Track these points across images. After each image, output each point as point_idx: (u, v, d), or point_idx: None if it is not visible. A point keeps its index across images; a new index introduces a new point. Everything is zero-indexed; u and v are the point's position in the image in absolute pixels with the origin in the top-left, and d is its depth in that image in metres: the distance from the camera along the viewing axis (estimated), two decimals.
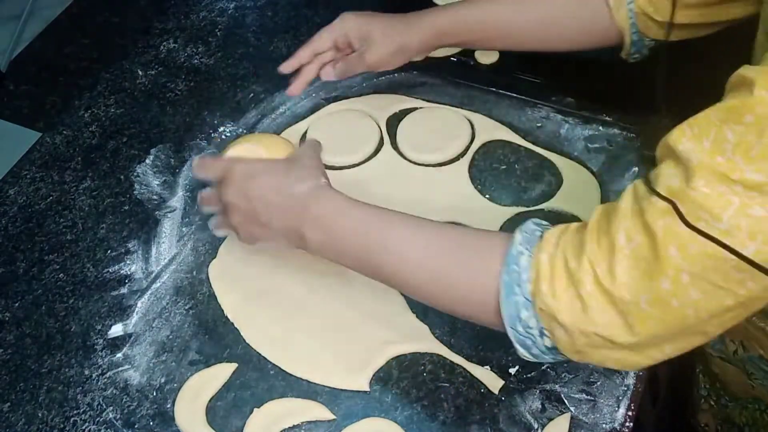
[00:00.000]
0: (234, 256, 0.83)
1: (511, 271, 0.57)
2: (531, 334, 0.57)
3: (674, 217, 0.48)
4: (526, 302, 0.56)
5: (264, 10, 1.11)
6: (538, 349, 0.58)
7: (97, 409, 0.73)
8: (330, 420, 0.71)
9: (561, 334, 0.55)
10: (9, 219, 0.89)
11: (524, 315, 0.56)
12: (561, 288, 0.54)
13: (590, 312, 0.52)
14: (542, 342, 0.57)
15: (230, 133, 0.95)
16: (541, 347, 0.58)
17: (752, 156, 0.45)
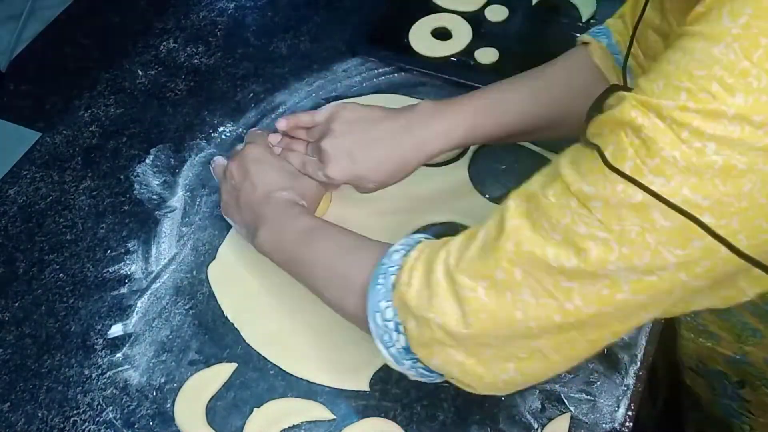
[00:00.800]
0: (233, 256, 0.83)
1: (381, 263, 0.60)
2: (387, 327, 0.58)
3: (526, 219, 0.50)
4: (386, 292, 0.58)
5: (264, 10, 1.11)
6: (395, 349, 0.59)
7: (97, 409, 0.73)
8: (330, 420, 0.71)
9: (412, 325, 0.56)
10: (9, 219, 0.89)
11: (383, 305, 0.58)
12: (417, 276, 0.56)
13: (434, 299, 0.54)
14: (398, 339, 0.58)
15: (230, 133, 0.95)
16: (398, 347, 0.59)
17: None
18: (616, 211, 0.45)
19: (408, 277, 0.56)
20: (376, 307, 0.59)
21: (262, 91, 1.00)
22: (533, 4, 1.06)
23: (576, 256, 0.47)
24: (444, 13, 1.05)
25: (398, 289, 0.57)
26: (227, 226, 0.86)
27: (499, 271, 0.51)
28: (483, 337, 0.53)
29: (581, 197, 0.47)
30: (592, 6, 1.04)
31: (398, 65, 1.00)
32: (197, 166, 0.92)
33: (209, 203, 0.88)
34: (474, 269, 0.53)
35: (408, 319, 0.56)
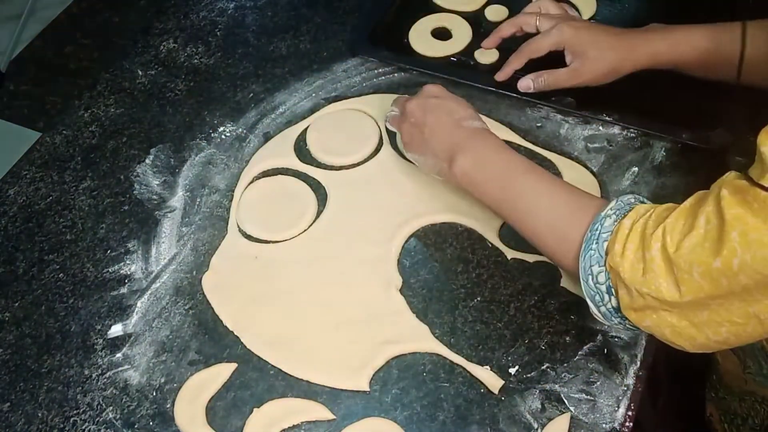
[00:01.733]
0: (227, 265, 0.83)
1: (594, 229, 0.63)
2: (599, 289, 0.62)
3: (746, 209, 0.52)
4: (599, 258, 0.62)
5: (264, 10, 1.11)
6: (606, 308, 0.63)
7: (96, 409, 0.73)
8: (330, 420, 0.71)
9: (623, 292, 0.60)
10: (9, 219, 0.89)
11: (596, 270, 0.62)
12: (631, 249, 0.59)
13: (649, 275, 0.57)
14: (609, 301, 0.62)
15: (230, 133, 0.95)
16: (608, 306, 0.63)
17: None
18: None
19: (621, 248, 0.59)
20: (589, 271, 0.63)
21: (262, 91, 1.00)
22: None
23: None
24: (444, 13, 1.05)
25: (612, 257, 0.60)
26: (226, 226, 0.86)
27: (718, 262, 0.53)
28: (699, 302, 0.55)
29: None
30: (592, 6, 1.04)
31: (398, 65, 1.00)
32: (197, 166, 0.92)
33: (209, 203, 0.88)
34: (694, 259, 0.54)
35: (620, 285, 0.60)
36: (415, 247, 0.83)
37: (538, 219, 0.71)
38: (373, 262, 0.81)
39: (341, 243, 0.83)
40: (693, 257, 0.55)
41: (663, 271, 0.57)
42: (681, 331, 0.58)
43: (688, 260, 0.55)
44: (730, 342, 0.57)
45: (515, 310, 0.77)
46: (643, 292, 0.58)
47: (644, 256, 0.58)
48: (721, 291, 0.54)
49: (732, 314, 0.55)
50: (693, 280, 0.55)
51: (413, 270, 0.81)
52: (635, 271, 0.58)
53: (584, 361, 0.73)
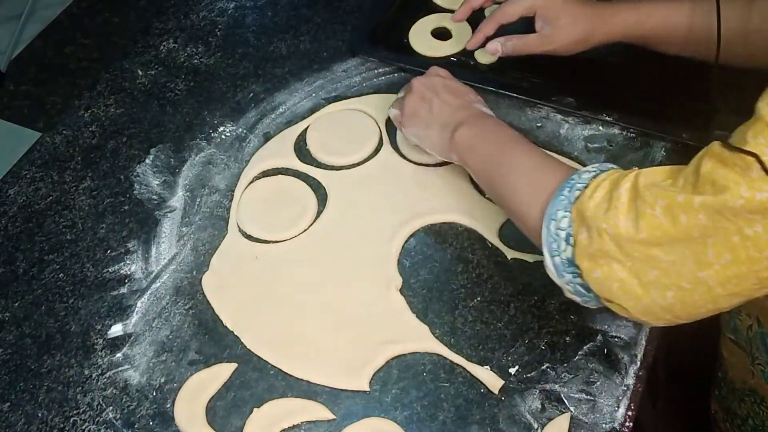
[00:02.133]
0: (227, 265, 0.83)
1: (570, 179, 0.64)
2: (558, 236, 0.62)
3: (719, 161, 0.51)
4: (567, 204, 0.62)
5: (264, 10, 1.11)
6: (560, 258, 0.62)
7: (96, 409, 0.73)
8: (330, 420, 0.71)
9: (583, 236, 0.59)
10: (9, 219, 0.89)
11: (560, 214, 0.62)
12: (601, 191, 0.59)
13: (611, 211, 0.57)
14: (565, 249, 0.62)
15: (230, 133, 0.95)
16: (563, 257, 0.62)
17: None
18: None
19: (591, 192, 0.60)
20: (554, 215, 0.62)
21: (262, 91, 1.00)
22: None
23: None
24: (444, 13, 1.05)
25: (580, 201, 0.61)
26: (226, 226, 0.86)
27: (681, 196, 0.53)
28: (651, 249, 0.55)
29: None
30: None
31: (398, 65, 1.00)
32: (197, 166, 0.92)
33: (209, 203, 0.88)
34: (659, 194, 0.55)
35: (581, 229, 0.60)
36: (415, 247, 0.83)
37: (519, 175, 0.71)
38: (373, 262, 0.81)
39: (341, 243, 0.83)
40: (659, 192, 0.55)
41: (625, 207, 0.57)
42: (628, 289, 0.57)
43: (653, 193, 0.55)
44: (674, 310, 0.56)
45: (515, 310, 0.77)
46: (601, 229, 0.57)
47: (611, 195, 0.58)
48: (678, 233, 0.53)
49: (681, 278, 0.54)
50: (653, 216, 0.55)
51: (413, 270, 0.81)
52: (598, 209, 0.58)
53: (584, 361, 0.73)
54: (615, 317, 0.75)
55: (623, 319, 0.75)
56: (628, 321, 0.75)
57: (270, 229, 0.85)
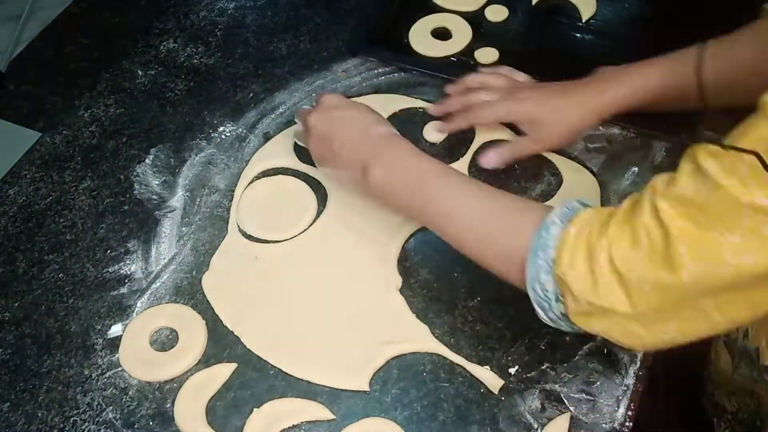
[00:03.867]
0: (227, 265, 0.83)
1: (540, 236, 0.61)
2: (547, 297, 0.61)
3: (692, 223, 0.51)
4: (547, 267, 0.60)
5: (264, 10, 1.11)
6: (554, 314, 0.62)
7: (97, 409, 0.73)
8: (330, 420, 0.71)
9: (571, 301, 0.59)
10: (9, 219, 0.89)
11: (543, 278, 0.61)
12: (579, 260, 0.58)
13: (599, 286, 0.56)
14: (557, 307, 0.61)
15: (230, 133, 0.95)
16: (556, 312, 0.62)
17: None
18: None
19: (570, 259, 0.58)
20: (536, 279, 0.61)
21: (262, 91, 1.00)
22: (533, 4, 1.06)
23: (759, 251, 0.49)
24: (444, 13, 1.05)
25: (559, 268, 0.59)
26: (226, 226, 0.86)
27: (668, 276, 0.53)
28: (654, 313, 0.56)
29: (756, 208, 0.48)
30: (592, 6, 1.04)
31: (398, 65, 1.00)
32: (197, 166, 0.92)
33: (209, 203, 0.88)
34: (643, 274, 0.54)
35: (567, 294, 0.59)
36: (415, 247, 0.83)
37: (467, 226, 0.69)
38: (373, 262, 0.81)
39: (341, 243, 0.83)
40: (642, 273, 0.54)
41: (614, 284, 0.56)
42: (631, 332, 0.58)
43: (637, 275, 0.55)
44: (677, 339, 0.57)
45: (515, 310, 0.77)
46: (594, 303, 0.57)
47: (593, 268, 0.57)
48: (674, 299, 0.54)
49: (681, 311, 0.55)
50: (644, 293, 0.55)
51: (413, 270, 0.81)
52: (585, 284, 0.57)
53: (584, 361, 0.73)
54: None
55: None
56: None
57: (270, 229, 0.85)
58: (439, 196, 0.70)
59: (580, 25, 1.03)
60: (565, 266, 0.58)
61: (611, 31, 1.02)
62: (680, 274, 0.52)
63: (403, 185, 0.73)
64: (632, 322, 0.57)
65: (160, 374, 0.75)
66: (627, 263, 0.55)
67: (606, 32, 1.01)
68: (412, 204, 0.73)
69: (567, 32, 1.02)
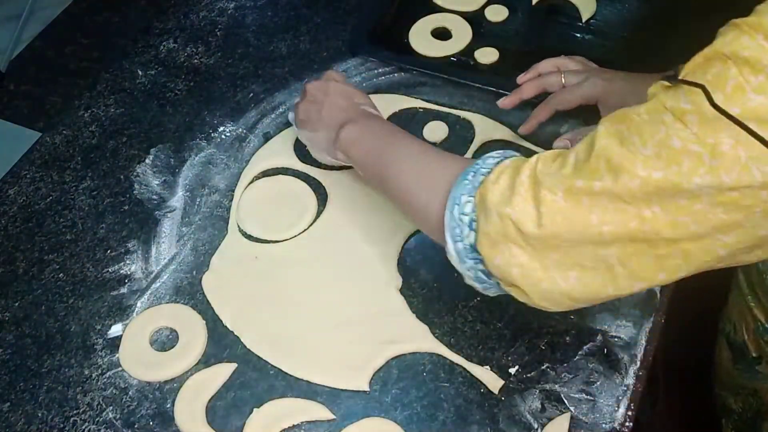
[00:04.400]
0: (227, 265, 0.83)
1: (475, 164, 0.61)
2: (462, 221, 0.60)
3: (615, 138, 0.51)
4: (471, 189, 0.60)
5: (264, 10, 1.11)
6: (463, 245, 0.60)
7: (97, 409, 0.73)
8: (330, 420, 0.71)
9: (483, 219, 0.58)
10: (9, 219, 0.89)
11: (464, 199, 0.60)
12: (504, 178, 0.57)
13: (514, 198, 0.55)
14: (467, 235, 0.60)
15: (230, 133, 0.95)
16: (466, 243, 0.60)
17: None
18: (712, 124, 0.46)
19: (496, 177, 0.58)
20: (457, 200, 0.60)
21: (261, 91, 1.00)
22: (533, 4, 1.06)
23: (665, 168, 0.48)
24: (444, 13, 1.05)
25: (484, 185, 0.59)
26: (226, 226, 0.86)
27: (580, 181, 0.52)
28: (553, 239, 0.54)
29: (677, 112, 0.48)
30: (592, 6, 1.04)
31: (398, 65, 1.00)
32: (197, 166, 0.92)
33: (209, 203, 0.88)
34: (559, 180, 0.54)
35: (483, 212, 0.58)
36: (415, 247, 0.83)
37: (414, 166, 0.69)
38: (373, 262, 0.81)
39: (341, 243, 0.83)
40: (558, 177, 0.54)
41: (529, 197, 0.55)
42: (529, 273, 0.56)
43: (552, 182, 0.54)
44: (574, 293, 0.56)
45: (515, 310, 0.77)
46: (505, 214, 0.56)
47: (514, 181, 0.56)
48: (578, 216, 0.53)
49: (582, 256, 0.54)
50: (554, 201, 0.53)
51: (413, 270, 0.81)
52: (502, 195, 0.56)
53: (584, 361, 0.73)
54: (615, 317, 0.75)
55: (623, 319, 0.75)
56: (627, 321, 0.75)
57: (270, 229, 0.85)
58: (401, 147, 0.73)
59: (580, 25, 1.03)
60: (489, 184, 0.58)
61: (611, 31, 1.02)
62: (592, 184, 0.51)
63: (371, 141, 0.76)
64: (533, 261, 0.55)
65: (160, 374, 0.75)
66: (546, 173, 0.55)
67: (606, 32, 1.02)
68: (375, 155, 0.75)
69: (567, 32, 1.02)
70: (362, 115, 0.80)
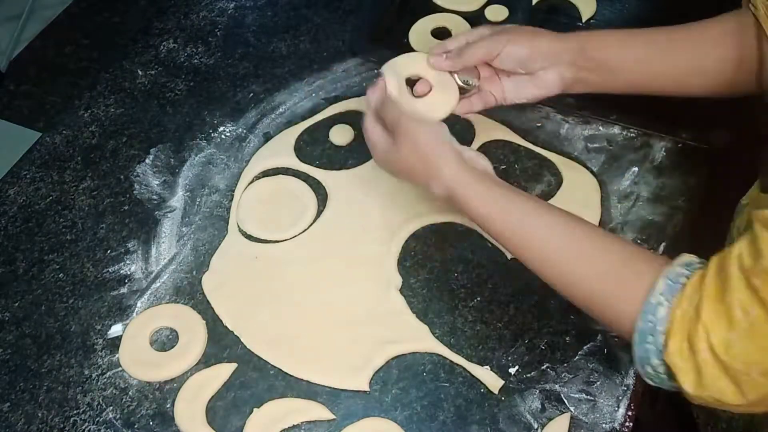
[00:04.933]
0: (227, 265, 0.83)
1: (646, 320, 0.58)
2: (659, 376, 0.59)
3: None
4: (657, 352, 0.58)
5: (264, 10, 1.11)
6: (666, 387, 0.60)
7: (97, 409, 0.73)
8: (330, 420, 0.71)
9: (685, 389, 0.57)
10: (9, 219, 0.89)
11: (654, 362, 0.58)
12: (685, 351, 0.55)
13: (705, 379, 0.55)
14: (670, 384, 0.59)
15: (230, 133, 0.95)
16: (668, 385, 0.60)
17: None
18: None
19: (677, 349, 0.56)
20: (647, 362, 0.59)
21: (261, 91, 1.00)
22: (533, 4, 1.06)
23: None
24: (444, 13, 1.05)
25: (668, 356, 0.56)
26: (226, 226, 0.86)
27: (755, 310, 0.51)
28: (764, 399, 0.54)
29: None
30: (592, 6, 1.04)
31: None
32: (197, 166, 0.92)
33: (209, 203, 0.88)
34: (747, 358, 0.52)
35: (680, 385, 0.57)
36: (415, 247, 0.83)
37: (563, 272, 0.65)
38: (373, 262, 0.81)
39: (341, 243, 0.83)
40: (746, 357, 0.52)
41: (720, 375, 0.54)
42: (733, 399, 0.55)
43: (742, 362, 0.52)
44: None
45: (515, 310, 0.77)
46: (703, 396, 0.55)
47: (696, 361, 0.55)
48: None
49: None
50: (753, 380, 0.53)
51: (413, 270, 0.81)
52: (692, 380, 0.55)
53: (584, 361, 0.73)
54: None
55: None
56: None
57: (270, 229, 0.85)
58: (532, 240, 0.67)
59: (580, 25, 1.03)
60: (674, 355, 0.56)
61: None
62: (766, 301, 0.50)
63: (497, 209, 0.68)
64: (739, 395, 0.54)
65: (160, 374, 0.75)
66: (728, 350, 0.53)
67: None
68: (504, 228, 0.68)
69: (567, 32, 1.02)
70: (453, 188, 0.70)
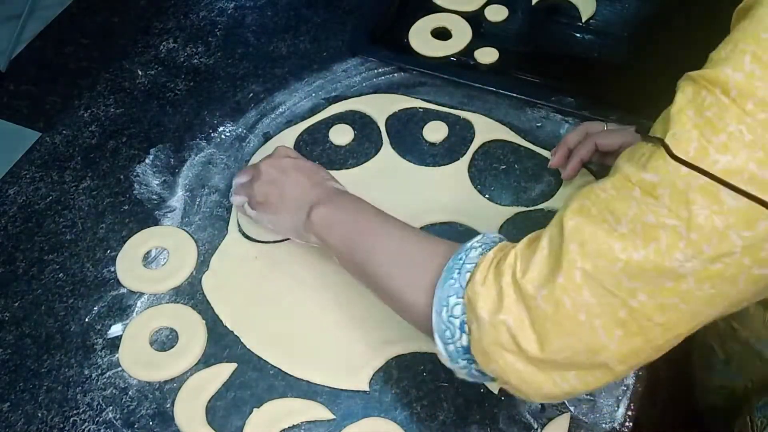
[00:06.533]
0: (227, 265, 0.83)
1: (457, 258, 0.58)
2: (452, 323, 0.57)
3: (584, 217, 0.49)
4: (459, 289, 0.56)
5: (264, 10, 1.11)
6: (455, 347, 0.57)
7: (96, 409, 0.73)
8: (330, 420, 0.71)
9: (475, 328, 0.55)
10: (9, 219, 0.89)
11: (452, 301, 0.56)
12: (490, 280, 0.54)
13: (504, 302, 0.53)
14: (459, 338, 0.57)
15: (230, 133, 0.95)
16: (458, 345, 0.57)
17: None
18: (684, 195, 0.45)
19: (482, 278, 0.55)
20: (445, 302, 0.57)
21: (261, 91, 1.00)
22: (533, 4, 1.06)
23: (644, 247, 0.46)
24: (444, 13, 1.05)
25: (470, 286, 0.55)
26: (226, 226, 0.86)
27: (560, 276, 0.50)
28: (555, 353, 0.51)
29: (645, 186, 0.46)
30: (592, 6, 1.04)
31: (398, 65, 1.00)
32: (197, 166, 0.92)
33: (209, 203, 0.88)
34: (538, 280, 0.51)
35: (473, 320, 0.55)
36: None
37: (392, 255, 0.65)
38: None
39: None
40: (538, 280, 0.51)
41: (514, 301, 0.52)
42: (527, 378, 0.53)
43: (534, 285, 0.51)
44: (578, 390, 0.53)
45: None
46: (498, 323, 0.53)
47: (500, 284, 0.53)
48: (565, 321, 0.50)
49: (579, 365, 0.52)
50: (538, 308, 0.51)
51: None
52: (492, 300, 0.53)
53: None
54: None
55: None
56: None
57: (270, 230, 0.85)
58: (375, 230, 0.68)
59: (580, 25, 1.03)
60: (475, 284, 0.55)
61: (611, 31, 1.02)
62: (572, 273, 0.49)
63: (343, 229, 0.70)
64: (528, 365, 0.53)
65: (160, 374, 0.75)
66: (526, 274, 0.52)
67: (606, 32, 1.02)
68: (342, 248, 0.70)
69: (567, 32, 1.02)
70: (330, 192, 0.75)
